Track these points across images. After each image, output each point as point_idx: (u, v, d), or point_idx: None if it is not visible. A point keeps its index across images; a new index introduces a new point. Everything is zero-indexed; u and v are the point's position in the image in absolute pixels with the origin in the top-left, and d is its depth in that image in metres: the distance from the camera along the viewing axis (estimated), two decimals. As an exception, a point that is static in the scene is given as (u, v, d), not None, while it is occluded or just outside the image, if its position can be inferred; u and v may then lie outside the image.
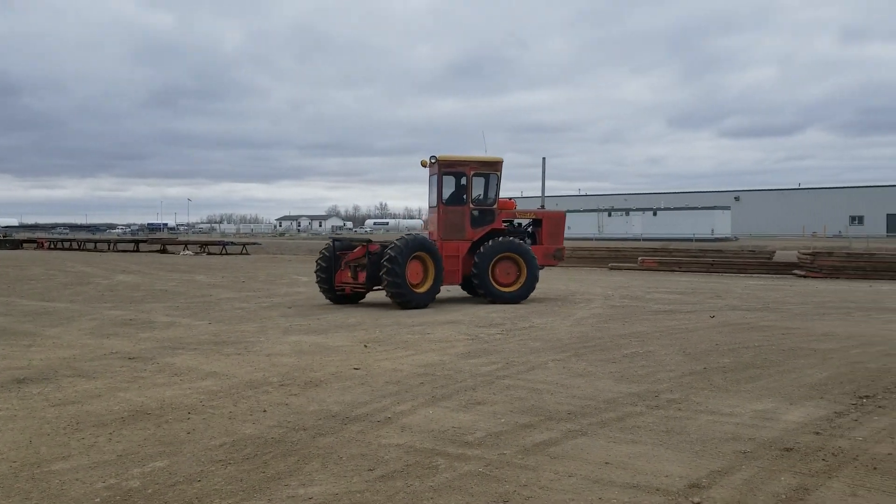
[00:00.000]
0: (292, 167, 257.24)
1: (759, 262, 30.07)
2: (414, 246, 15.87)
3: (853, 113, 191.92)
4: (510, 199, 18.72)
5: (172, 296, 18.51)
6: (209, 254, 47.10)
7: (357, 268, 16.35)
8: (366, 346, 10.60)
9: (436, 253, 16.27)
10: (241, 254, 46.78)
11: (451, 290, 18.60)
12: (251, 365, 9.14)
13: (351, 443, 5.87)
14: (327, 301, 16.80)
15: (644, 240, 62.89)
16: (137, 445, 5.81)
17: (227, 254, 46.59)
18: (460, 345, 10.71)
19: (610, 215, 75.72)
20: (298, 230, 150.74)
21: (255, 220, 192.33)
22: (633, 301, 17.14)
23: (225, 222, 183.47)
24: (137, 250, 51.72)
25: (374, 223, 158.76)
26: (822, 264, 26.87)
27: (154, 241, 56.73)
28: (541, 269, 17.47)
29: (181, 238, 73.06)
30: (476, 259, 16.53)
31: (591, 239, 60.66)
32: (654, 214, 73.43)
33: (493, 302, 16.49)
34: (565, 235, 19.06)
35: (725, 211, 73.63)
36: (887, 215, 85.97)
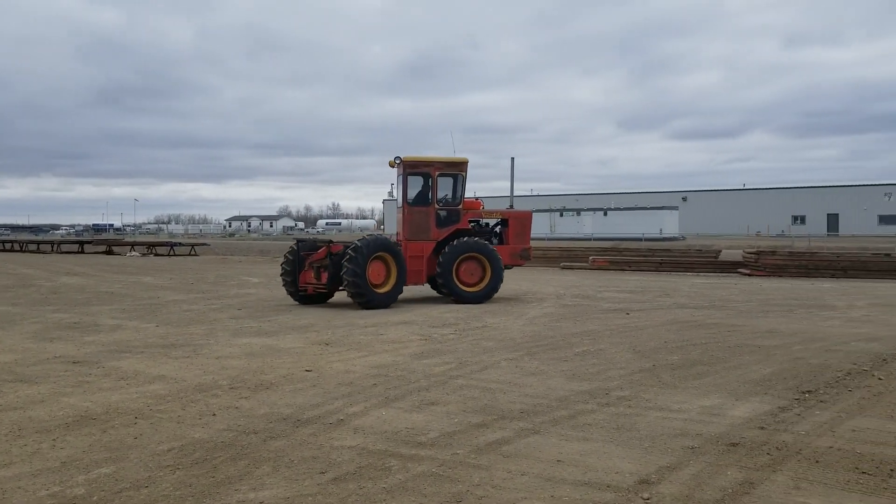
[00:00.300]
0: (242, 167, 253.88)
1: (705, 261, 30.71)
2: (375, 246, 15.89)
3: (795, 116, 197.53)
4: (476, 199, 18.70)
5: (119, 298, 18.09)
6: (157, 255, 46.18)
7: (320, 268, 16.35)
8: (327, 344, 10.52)
9: (398, 253, 16.28)
10: (189, 255, 45.97)
11: (422, 289, 18.58)
12: (200, 368, 8.99)
13: (303, 445, 5.82)
14: (281, 301, 16.63)
15: (595, 239, 63.74)
16: (82, 452, 5.66)
17: (175, 255, 45.73)
18: (413, 345, 10.70)
19: (562, 215, 76.52)
20: (249, 231, 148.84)
21: (204, 221, 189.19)
22: (584, 300, 17.35)
23: (173, 223, 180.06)
24: (82, 252, 50.43)
25: (327, 223, 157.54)
26: (765, 263, 27.57)
27: (99, 242, 55.39)
28: (508, 268, 17.73)
29: (128, 239, 71.49)
30: (440, 259, 16.58)
31: (543, 239, 61.16)
32: (605, 214, 74.45)
33: (458, 302, 16.53)
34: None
35: (673, 211, 75.02)
36: (827, 215, 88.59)
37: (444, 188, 17.26)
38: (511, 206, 19.00)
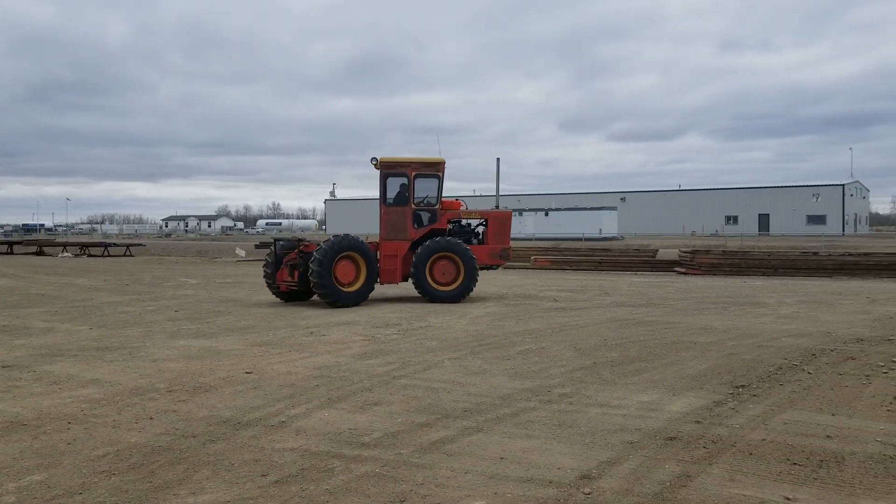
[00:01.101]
0: (180, 165, 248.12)
1: (643, 260, 31.38)
2: (341, 246, 16.14)
3: (728, 119, 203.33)
4: (457, 199, 18.62)
5: (50, 300, 17.50)
6: (90, 255, 44.84)
7: (293, 267, 16.62)
8: (268, 345, 10.37)
9: (367, 252, 16.47)
10: (124, 255, 44.76)
11: (400, 289, 18.60)
12: (136, 371, 8.76)
13: (243, 448, 5.73)
14: (220, 302, 16.35)
15: (536, 239, 64.43)
16: (12, 459, 5.46)
17: (109, 255, 44.47)
18: (356, 346, 10.64)
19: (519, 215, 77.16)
20: (186, 231, 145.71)
21: (140, 221, 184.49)
22: (526, 299, 17.51)
23: (107, 223, 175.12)
24: (11, 252, 48.61)
25: (267, 223, 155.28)
26: (700, 262, 28.31)
27: (30, 242, 53.50)
28: (492, 268, 18.11)
29: (59, 239, 69.18)
30: (413, 259, 16.69)
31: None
32: (546, 215, 75.36)
33: (432, 301, 16.54)
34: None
35: (612, 211, 76.37)
36: (759, 215, 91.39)
37: (421, 189, 17.39)
38: (497, 207, 18.83)
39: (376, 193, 17.59)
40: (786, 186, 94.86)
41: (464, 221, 18.36)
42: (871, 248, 42.19)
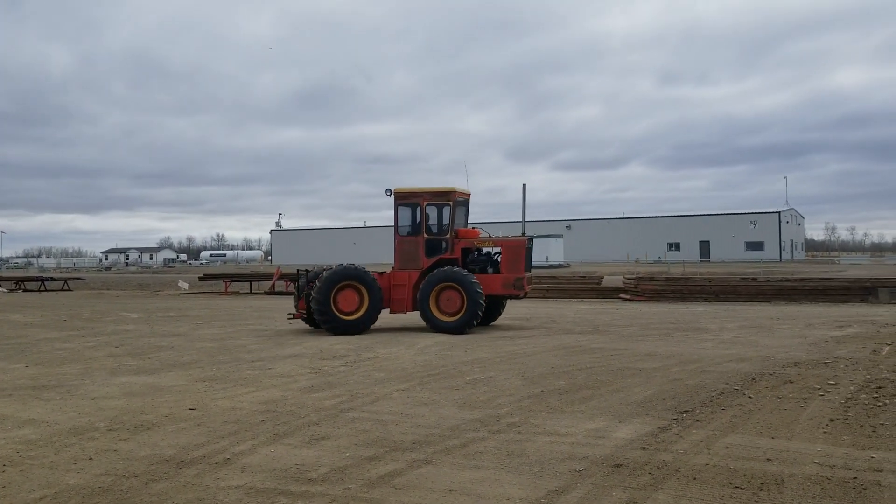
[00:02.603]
0: (122, 197, 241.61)
1: (589, 288, 31.81)
2: (341, 276, 16.68)
3: (669, 148, 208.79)
4: (473, 227, 18.43)
5: (-18, 338, 16.85)
6: (26, 290, 43.37)
7: (308, 296, 17.14)
8: (212, 380, 10.15)
9: (368, 282, 16.74)
10: (62, 290, 43.43)
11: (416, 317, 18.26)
12: (75, 410, 8.49)
13: (187, 487, 5.59)
14: (163, 337, 15.99)
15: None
16: (-61, 507, 5.22)
17: (46, 290, 43.10)
18: (303, 379, 10.51)
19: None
20: (127, 264, 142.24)
21: (79, 254, 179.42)
22: (474, 328, 17.53)
23: (44, 256, 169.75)
24: (-61, 288, 46.69)
25: (211, 255, 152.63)
26: (644, 288, 28.84)
27: (-40, 277, 51.44)
28: (512, 297, 17.81)
29: (-8, 274, 66.78)
30: (420, 288, 16.67)
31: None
32: (493, 243, 75.81)
33: (435, 331, 16.36)
34: None
35: (558, 239, 77.36)
36: (700, 242, 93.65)
37: (433, 218, 17.41)
38: (524, 234, 18.55)
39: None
40: (725, 214, 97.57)
41: (485, 249, 17.86)
42: (807, 273, 43.62)
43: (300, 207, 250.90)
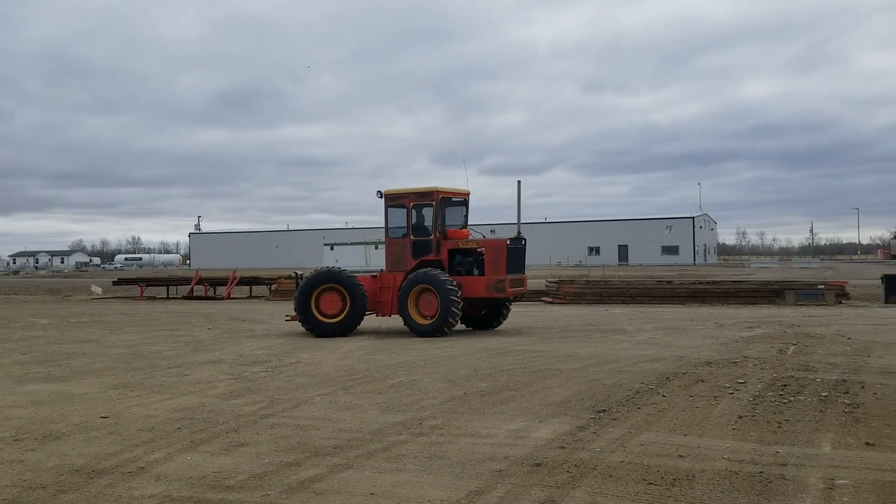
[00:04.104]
0: (34, 198, 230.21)
1: (512, 291, 32.14)
2: (321, 279, 16.77)
3: (590, 155, 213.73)
4: (462, 227, 17.85)
5: None
6: (-77, 296, 41.02)
7: None
8: (126, 387, 9.81)
9: (351, 284, 16.67)
10: (-36, 295, 41.26)
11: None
12: (-24, 421, 8.08)
13: (98, 498, 5.40)
14: (73, 343, 15.37)
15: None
16: None
17: (-54, 295, 40.86)
18: (221, 385, 10.29)
19: (377, 247, 76.96)
20: (36, 267, 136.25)
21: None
22: (399, 332, 17.52)
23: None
24: None
25: (126, 259, 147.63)
26: (566, 291, 29.41)
27: None
28: (502, 301, 17.14)
29: None
30: (400, 291, 16.44)
31: (358, 271, 61.34)
32: (418, 247, 75.93)
33: (417, 335, 16.08)
34: None
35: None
36: (619, 246, 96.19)
37: (418, 219, 17.05)
38: (519, 234, 17.83)
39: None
40: (642, 219, 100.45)
41: (479, 250, 17.03)
42: (719, 276, 45.30)
43: (222, 210, 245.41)
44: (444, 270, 16.69)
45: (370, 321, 18.15)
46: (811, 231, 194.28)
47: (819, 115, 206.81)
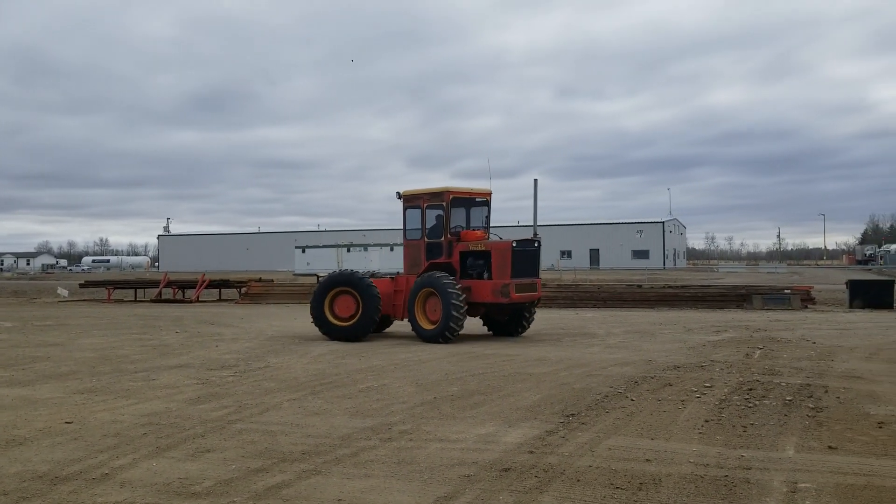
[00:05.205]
0: (1, 199, 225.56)
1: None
2: (334, 282, 16.67)
3: (564, 160, 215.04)
4: (485, 229, 17.37)
5: None
6: None
7: None
8: (91, 392, 9.65)
9: (364, 287, 16.37)
10: (-75, 297, 40.36)
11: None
12: (-65, 427, 7.90)
13: (60, 506, 5.31)
14: (38, 347, 15.10)
15: (384, 274, 64.43)
16: None
17: None
18: (189, 390, 10.17)
19: (349, 251, 76.79)
20: (1, 269, 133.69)
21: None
22: (370, 336, 17.44)
23: None
24: None
25: (94, 261, 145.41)
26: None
27: None
28: (499, 305, 16.08)
29: None
30: (409, 295, 16.19)
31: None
32: (391, 250, 75.72)
33: (424, 341, 15.71)
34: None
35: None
36: (590, 250, 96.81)
37: (431, 221, 16.67)
38: (535, 234, 17.24)
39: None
40: (613, 223, 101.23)
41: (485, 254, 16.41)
42: (688, 280, 45.80)
43: (193, 212, 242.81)
44: (456, 273, 16.22)
45: (398, 325, 17.83)
46: (778, 236, 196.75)
47: (786, 123, 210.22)
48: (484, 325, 17.40)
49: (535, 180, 17.97)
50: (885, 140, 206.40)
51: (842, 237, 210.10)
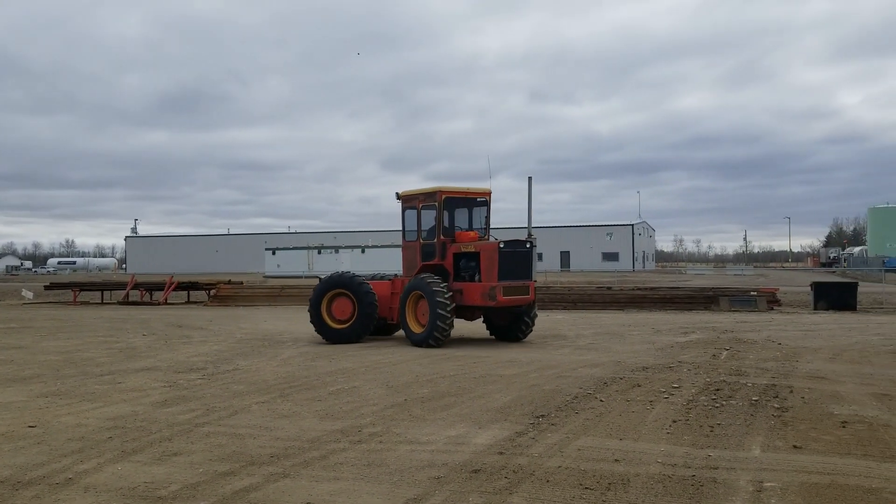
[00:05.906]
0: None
1: (455, 297, 32.22)
2: (330, 284, 16.59)
3: (535, 163, 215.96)
4: (484, 229, 16.96)
5: None
6: None
7: None
8: (56, 395, 9.47)
9: (357, 290, 16.29)
10: None
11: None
12: None
13: (21, 512, 5.20)
14: (-3, 351, 14.77)
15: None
16: None
17: None
18: (156, 393, 10.04)
19: (320, 252, 76.36)
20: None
21: None
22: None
23: None
24: None
25: (59, 262, 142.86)
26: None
27: None
28: (484, 308, 15.72)
29: None
30: (400, 298, 15.99)
31: (300, 276, 60.60)
32: (363, 252, 75.50)
33: (413, 345, 15.41)
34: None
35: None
36: (560, 252, 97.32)
37: (427, 222, 16.26)
38: (530, 235, 16.83)
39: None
40: (583, 226, 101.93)
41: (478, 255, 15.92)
42: (657, 282, 46.24)
43: (161, 213, 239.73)
44: (450, 275, 15.82)
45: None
46: (745, 239, 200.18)
47: (753, 128, 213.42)
48: (487, 329, 17.05)
49: (530, 178, 17.94)
50: (849, 145, 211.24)
51: (806, 240, 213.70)
